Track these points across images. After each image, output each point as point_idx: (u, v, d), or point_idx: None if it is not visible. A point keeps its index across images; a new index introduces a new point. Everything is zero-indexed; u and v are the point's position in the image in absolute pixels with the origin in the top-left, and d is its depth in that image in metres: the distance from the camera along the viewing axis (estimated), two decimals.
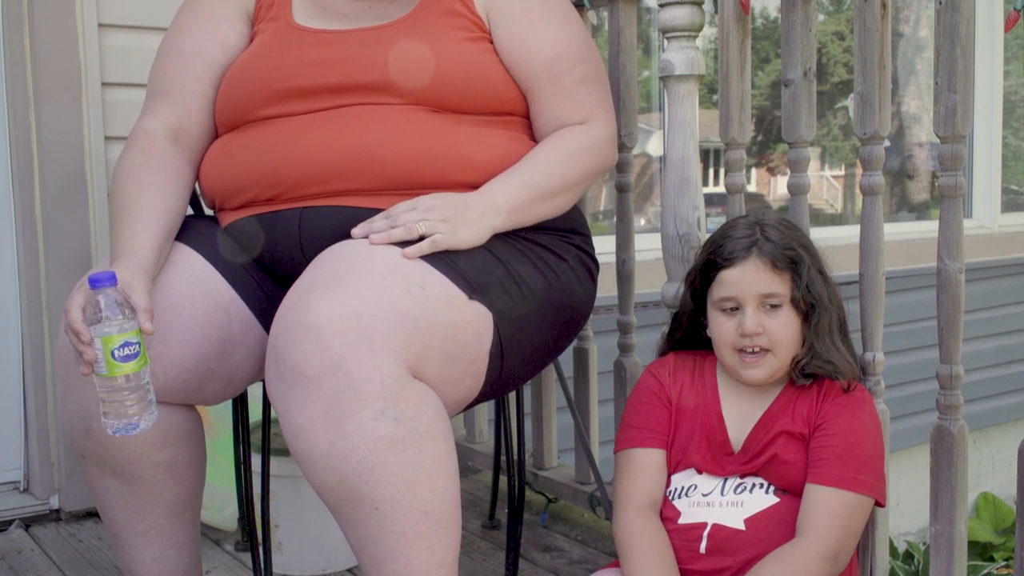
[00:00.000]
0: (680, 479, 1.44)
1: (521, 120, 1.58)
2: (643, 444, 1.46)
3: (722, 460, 1.42)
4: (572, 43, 1.57)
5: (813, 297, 1.38)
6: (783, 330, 1.38)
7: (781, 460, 1.38)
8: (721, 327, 1.41)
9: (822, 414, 1.38)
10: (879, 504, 1.40)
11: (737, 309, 1.39)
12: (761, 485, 1.40)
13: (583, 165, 1.54)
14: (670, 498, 1.44)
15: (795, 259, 1.38)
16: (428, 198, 1.39)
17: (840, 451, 1.35)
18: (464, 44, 1.52)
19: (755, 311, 1.38)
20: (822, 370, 1.38)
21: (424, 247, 1.33)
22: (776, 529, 1.36)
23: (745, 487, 1.40)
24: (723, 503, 1.39)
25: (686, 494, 1.42)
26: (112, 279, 1.26)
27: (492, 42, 1.55)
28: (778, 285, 1.38)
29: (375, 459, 1.21)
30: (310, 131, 1.46)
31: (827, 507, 1.33)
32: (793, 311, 1.38)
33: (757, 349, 1.38)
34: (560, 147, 1.53)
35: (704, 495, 1.41)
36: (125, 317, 1.24)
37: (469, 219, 1.39)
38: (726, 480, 1.41)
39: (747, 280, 1.38)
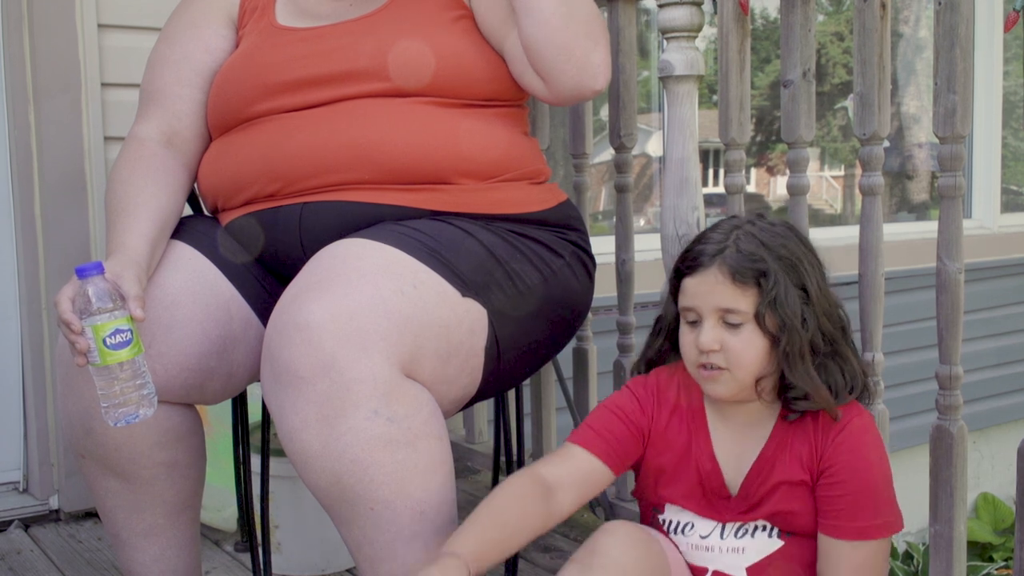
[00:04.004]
0: (673, 512, 1.36)
1: (517, 110, 1.59)
2: (590, 448, 1.33)
3: (718, 505, 1.32)
4: None
5: (780, 317, 1.22)
6: (742, 351, 1.23)
7: (785, 511, 1.29)
8: (684, 339, 1.29)
9: (824, 458, 1.26)
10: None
11: (698, 322, 1.27)
12: (763, 528, 1.31)
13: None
14: (667, 530, 1.36)
15: (763, 272, 1.23)
16: None
17: (852, 499, 1.25)
18: (451, 27, 1.52)
19: (714, 326, 1.24)
20: (800, 405, 1.26)
21: None
22: (781, 573, 1.30)
23: (747, 531, 1.31)
24: (723, 548, 1.31)
25: (682, 531, 1.34)
26: (98, 267, 1.27)
27: (473, 18, 1.55)
28: (738, 300, 1.23)
29: (369, 459, 1.21)
30: (308, 125, 1.46)
31: (850, 562, 1.25)
32: (758, 330, 1.23)
33: (712, 367, 1.25)
34: None
35: (702, 537, 1.33)
36: (115, 305, 1.25)
37: None
38: (726, 523, 1.32)
39: (704, 291, 1.25)
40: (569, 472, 1.31)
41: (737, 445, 1.32)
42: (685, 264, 1.28)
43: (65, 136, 2.23)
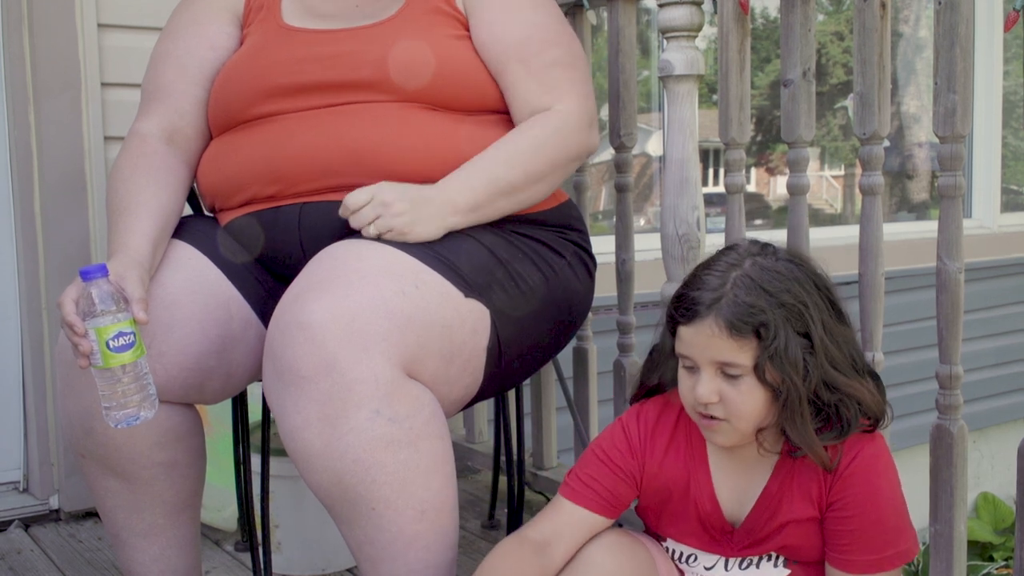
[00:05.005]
0: (676, 543, 1.35)
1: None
2: (580, 502, 1.31)
3: (721, 539, 1.30)
4: (542, 26, 1.55)
5: (779, 371, 1.17)
6: (742, 402, 1.19)
7: (792, 546, 1.27)
8: (683, 384, 1.24)
9: (834, 491, 1.22)
10: None
11: (695, 368, 1.21)
12: (769, 558, 1.29)
13: (549, 156, 1.47)
14: (671, 558, 1.35)
15: (763, 323, 1.16)
16: (385, 189, 1.37)
17: (863, 532, 1.21)
18: (453, 42, 1.52)
19: (712, 377, 1.19)
20: (802, 452, 1.22)
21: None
22: None
23: (751, 562, 1.29)
24: None
25: (686, 562, 1.33)
26: (102, 270, 1.27)
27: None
28: (735, 354, 1.17)
29: (371, 459, 1.21)
30: (309, 127, 1.47)
31: None
32: (758, 382, 1.18)
33: (712, 417, 1.21)
34: (524, 138, 1.47)
35: (707, 568, 1.31)
36: (118, 308, 1.25)
37: (427, 216, 1.37)
38: (729, 557, 1.31)
39: (700, 344, 1.19)
40: (559, 529, 1.29)
41: (740, 480, 1.28)
42: (679, 312, 1.21)
43: (65, 136, 2.23)
